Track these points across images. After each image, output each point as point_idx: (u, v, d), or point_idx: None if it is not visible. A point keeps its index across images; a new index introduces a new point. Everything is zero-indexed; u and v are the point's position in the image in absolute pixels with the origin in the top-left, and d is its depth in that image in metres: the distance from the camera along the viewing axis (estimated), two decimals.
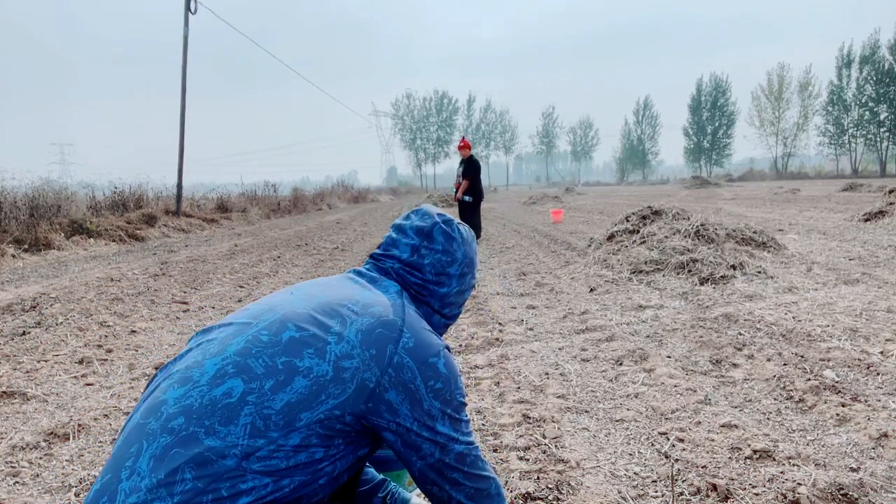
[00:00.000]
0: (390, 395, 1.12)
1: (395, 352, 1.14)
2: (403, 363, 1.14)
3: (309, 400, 1.06)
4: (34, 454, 2.24)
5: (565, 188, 39.36)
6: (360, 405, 1.09)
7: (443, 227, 1.38)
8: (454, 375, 1.21)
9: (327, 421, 1.07)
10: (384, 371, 1.12)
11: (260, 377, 1.07)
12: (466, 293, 1.44)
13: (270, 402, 1.05)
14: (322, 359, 1.10)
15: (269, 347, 1.11)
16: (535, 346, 3.50)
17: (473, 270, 1.43)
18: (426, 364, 1.16)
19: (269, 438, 1.03)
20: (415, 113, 76.67)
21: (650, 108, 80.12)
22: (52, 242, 9.27)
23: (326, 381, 1.08)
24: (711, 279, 5.00)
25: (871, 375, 2.74)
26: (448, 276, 1.36)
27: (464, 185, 9.12)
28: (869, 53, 50.26)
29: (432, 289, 1.35)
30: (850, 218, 9.99)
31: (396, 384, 1.12)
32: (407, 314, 1.24)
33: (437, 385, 1.16)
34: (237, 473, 1.00)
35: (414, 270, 1.35)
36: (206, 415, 1.03)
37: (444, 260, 1.36)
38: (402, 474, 1.66)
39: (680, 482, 1.88)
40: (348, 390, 1.09)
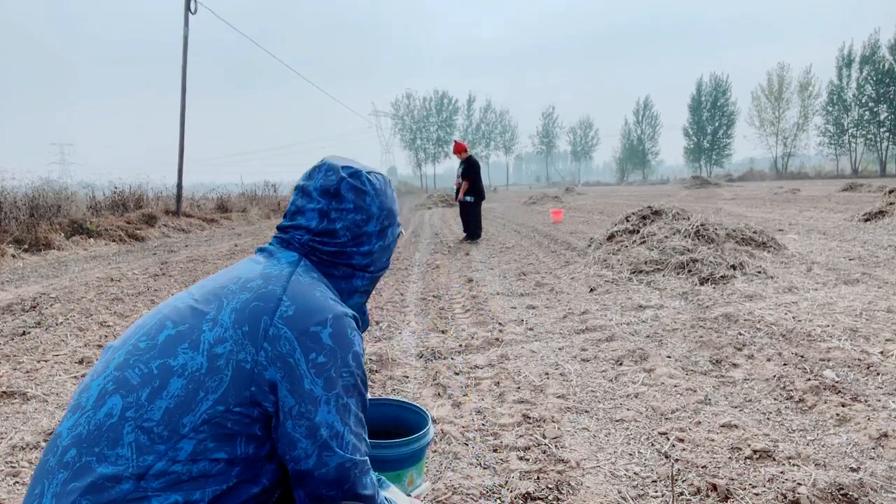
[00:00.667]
0: (270, 374, 0.97)
1: (270, 323, 1.00)
2: (280, 334, 0.99)
3: (188, 401, 0.95)
4: (34, 454, 2.24)
5: (565, 188, 39.37)
6: (244, 392, 0.96)
7: (350, 182, 1.20)
8: (344, 348, 1.03)
9: (215, 420, 0.95)
10: (259, 347, 0.98)
11: (136, 388, 0.97)
12: (392, 244, 1.30)
13: (149, 413, 0.95)
14: (196, 351, 0.99)
15: (145, 353, 1.01)
16: (535, 346, 3.50)
17: (395, 220, 1.28)
18: (306, 333, 1.00)
19: (158, 452, 0.93)
20: (415, 113, 76.70)
21: (650, 108, 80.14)
22: (52, 242, 9.27)
23: (202, 374, 0.96)
24: (711, 279, 5.00)
25: (871, 375, 2.74)
26: (367, 235, 1.21)
27: (464, 186, 9.36)
28: (869, 53, 50.26)
29: (351, 251, 1.20)
30: (850, 218, 9.99)
31: (274, 359, 0.98)
32: (293, 281, 1.08)
33: (319, 359, 0.99)
34: (138, 496, 0.91)
35: (326, 238, 1.18)
36: (94, 441, 0.95)
37: (358, 219, 1.20)
38: (403, 474, 1.66)
39: (680, 482, 1.88)
40: (226, 379, 0.96)
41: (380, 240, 1.24)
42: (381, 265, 1.28)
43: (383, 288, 5.56)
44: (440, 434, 2.30)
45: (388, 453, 1.61)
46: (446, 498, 1.85)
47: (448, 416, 2.49)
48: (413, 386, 2.91)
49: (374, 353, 3.35)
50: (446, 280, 5.95)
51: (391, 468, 1.59)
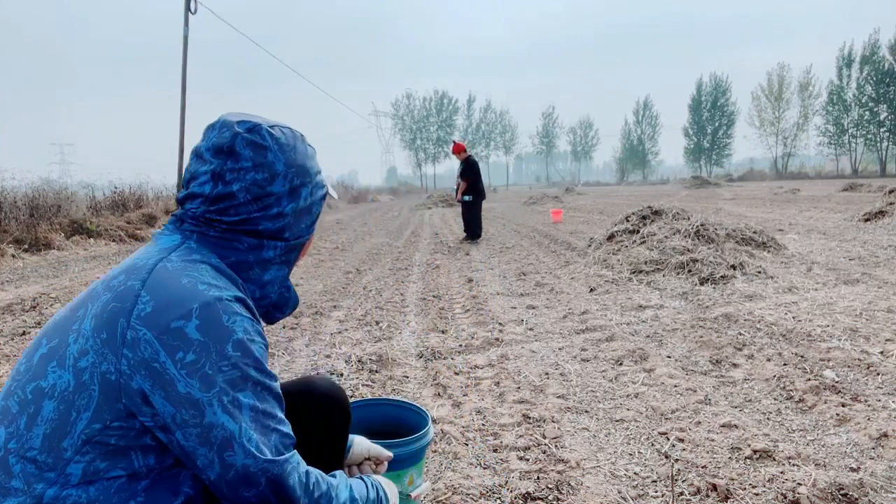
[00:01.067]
0: (137, 383, 0.85)
1: (127, 325, 0.87)
2: (139, 337, 0.86)
3: (62, 424, 0.86)
4: None
5: (565, 188, 39.38)
6: (116, 405, 0.86)
7: (247, 138, 1.02)
8: (219, 339, 0.88)
9: (96, 439, 0.86)
10: (119, 354, 0.86)
11: (16, 417, 0.89)
12: (315, 208, 1.12)
13: (30, 442, 0.87)
14: (63, 368, 0.89)
15: (23, 377, 0.93)
16: (535, 346, 3.50)
17: (310, 178, 1.10)
18: (168, 331, 0.86)
19: (48, 480, 0.86)
20: (415, 113, 76.74)
21: (650, 108, 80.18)
22: (52, 242, 9.27)
23: (70, 393, 0.87)
24: (711, 279, 5.00)
25: (871, 375, 2.74)
26: (274, 197, 1.03)
27: (462, 186, 9.48)
28: (869, 53, 50.29)
29: (256, 216, 1.02)
30: (850, 218, 9.99)
31: (138, 367, 0.85)
32: (157, 270, 0.93)
33: (188, 357, 0.85)
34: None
35: (223, 204, 1.01)
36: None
37: (259, 178, 1.02)
38: (403, 474, 1.66)
39: (680, 482, 1.88)
40: (94, 394, 0.86)
41: (292, 201, 1.06)
42: (298, 231, 1.10)
43: (383, 288, 5.57)
44: (440, 434, 2.30)
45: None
46: (446, 498, 1.85)
47: (448, 416, 2.48)
48: (413, 386, 2.91)
49: (375, 353, 3.35)
50: (446, 280, 5.95)
51: (391, 468, 1.59)
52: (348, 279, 6.20)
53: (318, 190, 1.13)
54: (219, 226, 1.02)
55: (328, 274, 6.63)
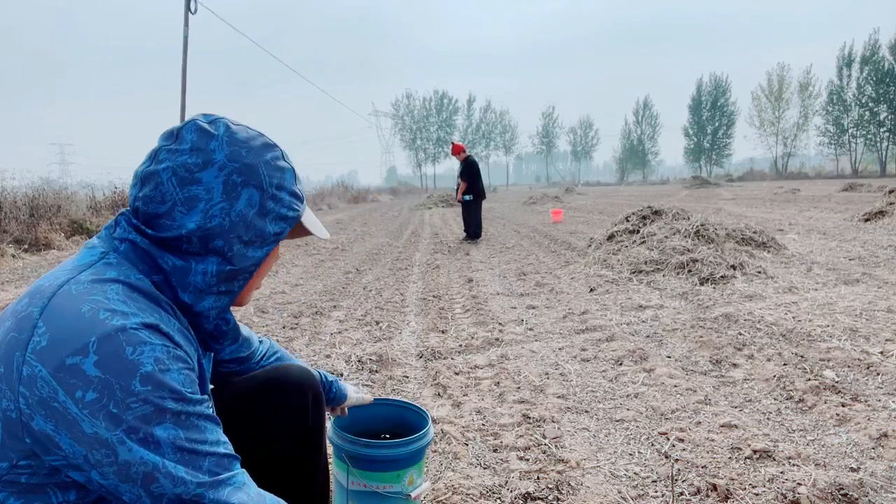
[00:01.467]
0: (39, 424, 0.77)
1: (22, 360, 0.77)
2: (35, 374, 0.76)
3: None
4: None
5: (565, 188, 39.38)
6: (21, 443, 0.78)
7: (199, 124, 0.92)
8: (123, 374, 0.77)
9: (6, 478, 0.79)
10: (16, 392, 0.77)
11: None
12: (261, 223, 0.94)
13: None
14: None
15: None
16: (535, 346, 3.50)
17: (262, 182, 0.93)
18: (63, 368, 0.76)
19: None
20: (415, 113, 76.77)
21: (650, 108, 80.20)
22: (52, 242, 9.27)
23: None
24: (711, 279, 5.00)
25: (871, 375, 2.74)
26: (201, 186, 0.88)
27: (462, 187, 9.55)
28: (869, 54, 50.30)
29: (177, 214, 0.88)
30: (850, 218, 9.99)
31: (37, 407, 0.76)
32: (60, 294, 0.81)
33: (87, 397, 0.76)
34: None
35: (146, 187, 0.89)
36: None
37: (190, 163, 0.88)
38: (403, 474, 1.66)
39: (680, 482, 1.88)
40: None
41: (227, 200, 0.90)
42: (236, 251, 0.92)
43: (383, 288, 5.57)
44: (440, 434, 2.30)
45: (388, 453, 1.61)
46: (446, 498, 1.85)
47: (448, 416, 2.48)
48: (413, 386, 2.91)
49: (374, 353, 3.35)
50: (446, 280, 5.95)
51: (391, 468, 1.59)
52: (348, 279, 6.20)
53: (277, 208, 0.96)
54: (146, 227, 0.90)
55: (328, 274, 6.63)
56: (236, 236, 0.91)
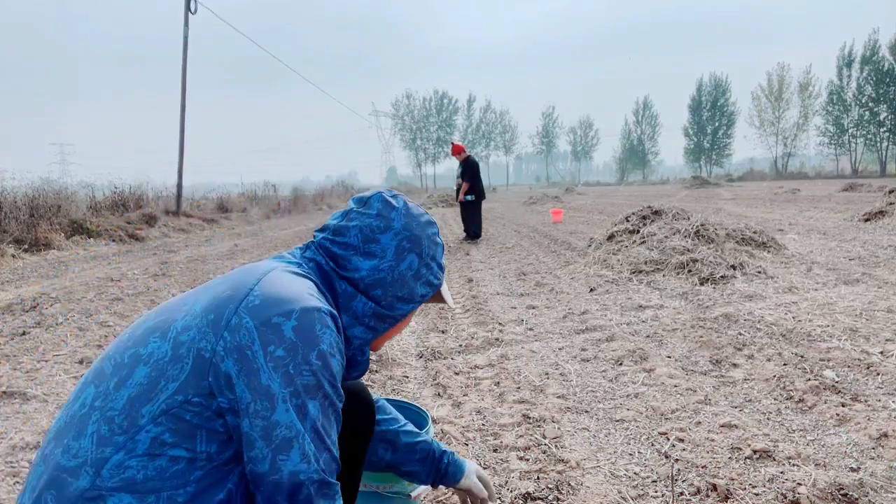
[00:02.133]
0: (227, 366, 0.91)
1: (234, 312, 0.94)
2: (241, 323, 0.93)
3: (148, 390, 0.92)
4: (34, 454, 2.24)
5: (565, 188, 39.37)
6: (203, 381, 0.91)
7: (383, 195, 1.16)
8: (308, 344, 0.93)
9: (173, 410, 0.91)
10: (220, 336, 0.93)
11: (108, 377, 0.96)
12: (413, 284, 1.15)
13: (113, 403, 0.92)
14: (164, 339, 0.96)
15: (124, 344, 1.00)
16: (535, 346, 3.50)
17: (421, 251, 1.15)
18: (268, 324, 0.93)
19: (116, 445, 0.89)
20: (415, 113, 76.74)
21: (650, 108, 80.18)
22: (52, 242, 9.27)
23: (165, 362, 0.93)
24: (711, 279, 5.00)
25: (871, 375, 2.74)
26: (379, 245, 1.11)
27: (464, 187, 9.49)
28: (869, 54, 50.28)
29: (356, 260, 1.10)
30: (850, 218, 9.99)
31: (232, 350, 0.92)
32: (272, 274, 1.02)
33: (277, 352, 0.91)
34: (94, 494, 0.88)
35: (337, 236, 1.12)
36: (64, 433, 0.94)
37: (374, 224, 1.12)
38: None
39: (680, 482, 1.88)
40: (186, 368, 0.92)
41: (395, 261, 1.12)
42: (390, 300, 1.13)
43: None
44: (440, 434, 2.30)
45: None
46: (446, 498, 1.85)
47: (448, 416, 2.48)
48: (413, 386, 2.91)
49: (374, 352, 3.35)
50: (446, 280, 5.95)
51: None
52: None
53: (427, 274, 1.18)
54: (328, 256, 1.12)
55: None
56: (393, 291, 1.13)
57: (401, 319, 1.17)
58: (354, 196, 1.19)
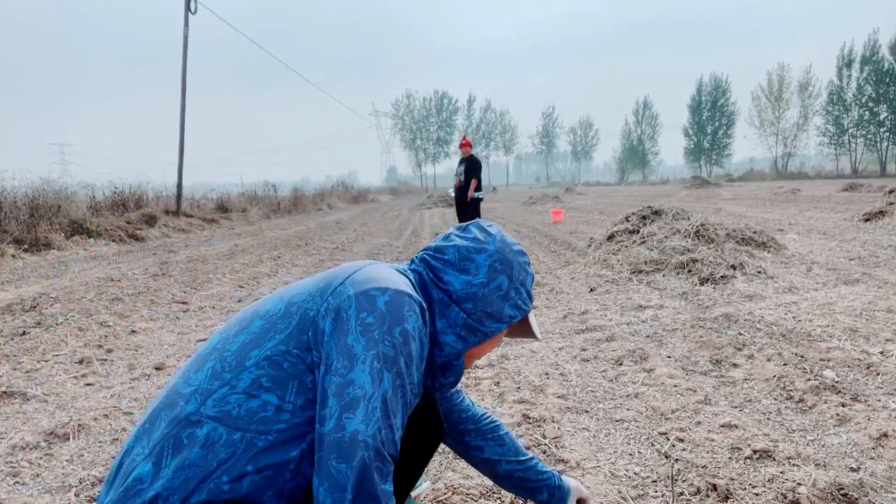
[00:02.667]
0: (325, 324, 1.07)
1: (340, 282, 1.12)
2: (344, 291, 1.09)
3: (259, 338, 1.09)
4: (34, 454, 2.24)
5: (565, 188, 39.36)
6: (303, 336, 1.07)
7: (481, 224, 1.31)
8: (394, 319, 1.06)
9: (275, 357, 1.06)
10: (325, 299, 1.09)
11: (231, 327, 1.15)
12: (502, 304, 1.24)
13: (230, 346, 1.10)
14: (281, 300, 1.14)
15: (250, 310, 1.19)
16: (534, 346, 3.50)
17: (513, 278, 1.25)
18: (365, 294, 1.08)
19: (223, 380, 1.05)
20: (415, 113, 76.74)
21: (650, 108, 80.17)
22: (52, 242, 9.27)
23: (277, 317, 1.10)
24: (711, 279, 5.00)
25: (871, 375, 2.74)
26: (473, 263, 1.22)
27: (473, 185, 9.33)
28: (869, 54, 50.28)
29: (452, 273, 1.22)
30: (850, 218, 9.99)
31: (331, 311, 1.07)
32: (378, 264, 1.21)
33: (368, 319, 1.05)
34: (195, 419, 1.03)
35: (438, 253, 1.26)
36: (189, 368, 1.13)
37: (471, 246, 1.24)
38: None
39: (680, 482, 1.88)
40: (293, 323, 1.08)
41: (486, 279, 1.21)
42: (480, 315, 1.21)
43: None
44: None
45: None
46: (446, 498, 1.85)
47: None
48: None
49: None
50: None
51: None
52: None
53: (516, 298, 1.27)
54: (428, 268, 1.24)
55: None
56: (483, 307, 1.22)
57: (490, 337, 1.25)
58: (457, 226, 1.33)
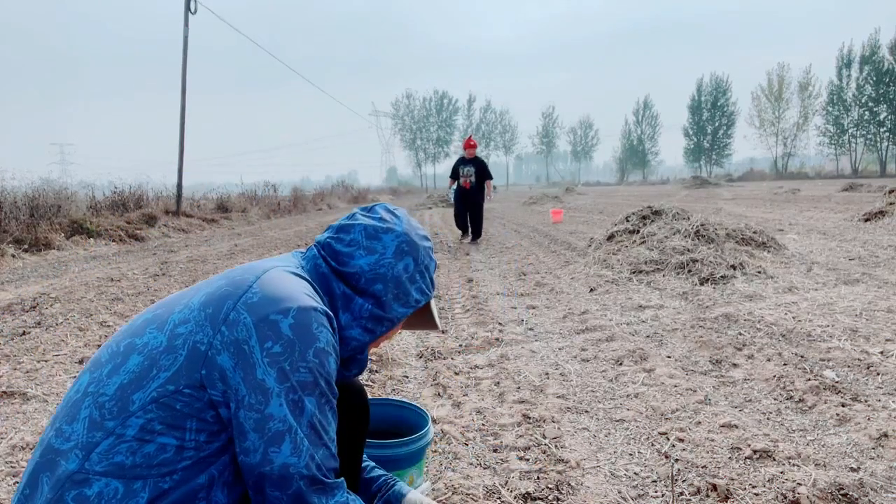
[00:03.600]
0: (223, 360, 0.94)
1: (232, 307, 0.98)
2: (239, 319, 0.96)
3: (140, 378, 0.95)
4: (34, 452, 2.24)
5: (565, 188, 39.32)
6: (195, 374, 0.94)
7: (388, 206, 1.25)
8: (305, 342, 0.97)
9: (164, 399, 0.93)
10: (217, 330, 0.96)
11: (103, 364, 1.00)
12: (409, 287, 1.19)
13: (105, 388, 0.96)
14: (160, 331, 0.99)
15: (122, 335, 1.04)
16: (535, 346, 3.50)
17: (419, 258, 1.20)
18: (265, 320, 0.96)
19: (106, 430, 0.92)
20: (415, 113, 76.74)
21: (650, 108, 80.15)
22: (52, 242, 9.27)
23: (159, 352, 0.96)
24: (711, 279, 5.00)
25: (871, 375, 2.74)
26: (381, 242, 1.16)
27: (489, 185, 9.44)
28: (869, 53, 50.27)
29: (358, 255, 1.14)
30: (850, 218, 9.99)
31: (229, 344, 0.95)
32: (271, 272, 1.05)
33: (274, 348, 0.94)
34: (81, 478, 0.91)
35: (342, 233, 1.17)
36: (59, 417, 0.98)
37: (378, 226, 1.17)
38: (403, 474, 1.66)
39: (680, 482, 1.88)
40: (180, 358, 0.95)
41: (394, 258, 1.16)
42: (387, 301, 1.15)
43: None
44: (440, 434, 2.30)
45: (388, 453, 1.61)
46: (446, 498, 1.85)
47: (448, 416, 2.48)
48: (413, 386, 2.91)
49: (374, 352, 3.35)
50: (446, 280, 5.95)
51: (391, 468, 1.59)
52: None
53: (420, 281, 1.21)
54: (331, 259, 1.16)
55: None
56: (392, 287, 1.16)
57: (396, 324, 1.20)
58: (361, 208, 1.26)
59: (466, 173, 9.34)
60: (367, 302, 1.15)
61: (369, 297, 1.15)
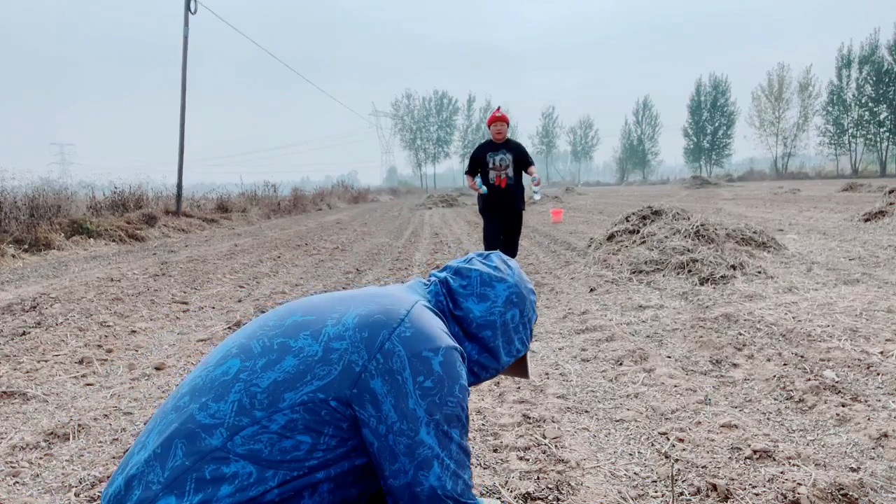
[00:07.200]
0: (375, 384, 1.04)
1: (388, 338, 1.08)
2: (394, 350, 1.07)
3: (294, 379, 1.04)
4: (34, 454, 2.24)
5: (565, 188, 39.32)
6: (346, 390, 1.04)
7: (503, 256, 1.36)
8: (451, 379, 1.09)
9: (311, 404, 1.03)
10: (372, 356, 1.06)
11: (255, 356, 1.09)
12: (514, 336, 1.30)
13: (258, 380, 1.05)
14: (315, 340, 1.09)
15: (271, 330, 1.13)
16: (534, 346, 3.50)
17: (524, 310, 1.31)
18: (418, 356, 1.07)
19: (254, 418, 1.01)
20: (415, 113, 76.74)
21: (650, 108, 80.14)
22: (52, 242, 9.27)
23: (314, 361, 1.06)
24: (711, 279, 5.00)
25: (871, 375, 2.74)
26: (493, 290, 1.27)
27: (532, 173, 5.55)
28: (868, 54, 50.28)
29: (471, 301, 1.26)
30: (850, 218, 9.99)
31: (383, 372, 1.05)
32: (417, 309, 1.16)
33: (426, 383, 1.06)
34: (222, 455, 0.99)
35: (459, 277, 1.29)
36: (204, 392, 1.06)
37: (493, 274, 1.29)
38: None
39: (680, 482, 1.88)
40: (334, 372, 1.05)
41: (504, 308, 1.27)
42: (496, 346, 1.27)
43: None
44: None
45: None
46: None
47: None
48: None
49: None
50: None
51: None
52: (348, 279, 6.20)
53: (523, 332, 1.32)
54: (448, 298, 1.28)
55: (328, 274, 6.63)
56: (500, 335, 1.27)
57: (500, 372, 1.32)
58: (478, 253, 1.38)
59: (500, 164, 5.48)
60: (475, 347, 1.27)
61: (477, 342, 1.26)
